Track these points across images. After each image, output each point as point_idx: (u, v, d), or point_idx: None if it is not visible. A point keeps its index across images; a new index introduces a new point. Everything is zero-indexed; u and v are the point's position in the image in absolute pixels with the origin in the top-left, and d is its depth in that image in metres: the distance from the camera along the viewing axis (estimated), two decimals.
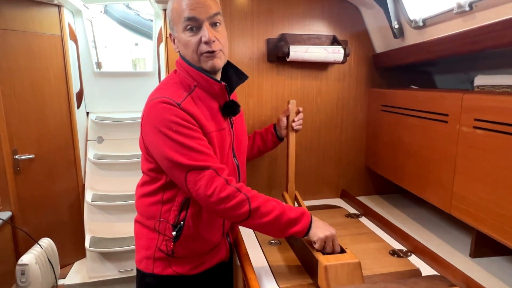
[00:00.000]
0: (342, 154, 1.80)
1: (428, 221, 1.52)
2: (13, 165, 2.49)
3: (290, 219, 1.02)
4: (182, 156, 0.97)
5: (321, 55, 1.56)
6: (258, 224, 1.01)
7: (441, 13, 1.18)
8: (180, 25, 1.04)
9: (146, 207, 1.16)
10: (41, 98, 2.65)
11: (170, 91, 1.05)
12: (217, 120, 1.11)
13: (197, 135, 1.01)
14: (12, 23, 2.43)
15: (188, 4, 1.01)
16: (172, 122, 0.98)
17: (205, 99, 1.08)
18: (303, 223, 1.03)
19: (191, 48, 1.04)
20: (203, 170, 0.98)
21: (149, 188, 1.14)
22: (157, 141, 1.00)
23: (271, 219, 1.00)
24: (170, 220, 1.12)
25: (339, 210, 1.67)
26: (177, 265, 1.16)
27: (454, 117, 1.14)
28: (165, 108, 0.99)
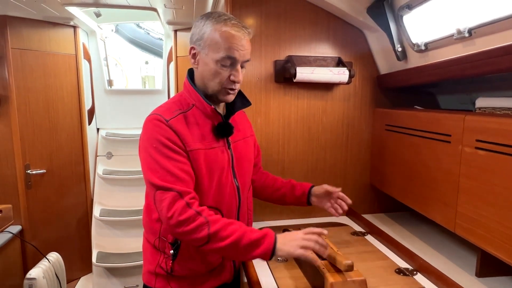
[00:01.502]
0: (347, 173, 1.83)
1: (434, 240, 1.53)
2: (25, 180, 2.55)
3: (251, 241, 0.98)
4: (154, 174, 1.02)
5: (327, 76, 1.61)
6: (218, 248, 0.99)
7: (442, 38, 1.23)
8: (216, 54, 1.06)
9: (149, 224, 1.19)
10: (54, 115, 2.74)
11: (166, 108, 1.12)
12: (208, 139, 1.13)
13: (177, 157, 1.04)
14: (30, 43, 2.54)
15: (236, 44, 1.05)
16: (156, 140, 1.04)
17: (200, 118, 1.13)
18: (266, 243, 0.99)
19: (219, 80, 1.09)
20: (166, 192, 1.00)
21: (151, 205, 1.15)
22: (142, 156, 1.08)
23: (231, 242, 0.98)
24: (168, 238, 1.14)
25: (345, 228, 1.69)
26: (176, 284, 1.17)
27: (457, 138, 1.17)
28: (154, 125, 1.06)
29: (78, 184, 2.95)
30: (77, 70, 2.88)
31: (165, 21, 2.66)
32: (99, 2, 2.23)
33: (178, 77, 2.90)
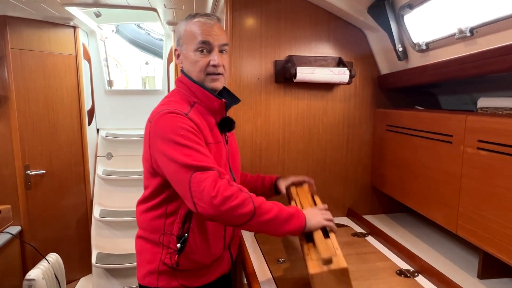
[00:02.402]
0: (348, 173, 1.82)
1: (435, 241, 1.52)
2: (25, 180, 2.54)
3: (288, 215, 1.04)
4: (188, 157, 1.01)
5: (327, 77, 1.60)
6: (261, 221, 1.01)
7: (444, 38, 1.22)
8: (193, 45, 1.14)
9: (150, 221, 1.18)
10: (54, 115, 2.73)
11: (175, 105, 1.12)
12: (215, 134, 1.18)
13: (202, 142, 1.08)
14: (29, 43, 2.53)
15: (205, 29, 1.13)
16: (179, 128, 1.04)
17: (204, 114, 1.16)
18: (300, 217, 1.06)
19: (199, 67, 1.14)
20: (207, 171, 1.00)
21: (153, 202, 1.17)
22: (165, 148, 1.04)
23: (273, 216, 1.02)
24: (174, 232, 1.15)
25: (346, 229, 1.68)
26: (182, 278, 1.18)
27: (458, 138, 1.16)
28: (173, 117, 1.06)
29: (77, 185, 2.95)
30: (77, 70, 2.87)
31: (165, 22, 2.66)
32: (99, 2, 2.22)
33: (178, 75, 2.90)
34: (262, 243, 1.52)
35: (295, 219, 1.05)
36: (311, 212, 1.12)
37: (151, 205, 1.18)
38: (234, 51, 1.63)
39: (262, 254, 1.42)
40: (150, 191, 1.17)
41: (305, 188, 1.41)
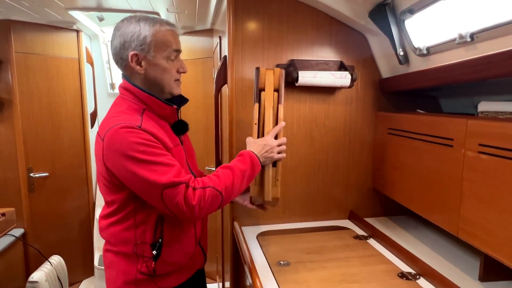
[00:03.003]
0: (349, 176, 1.83)
1: (436, 243, 1.53)
2: (28, 183, 2.56)
3: (246, 172, 1.16)
4: (154, 174, 1.00)
5: (329, 80, 1.62)
6: (230, 197, 1.12)
7: (444, 43, 1.23)
8: (165, 53, 1.14)
9: (118, 235, 1.15)
10: (57, 118, 2.75)
11: (125, 117, 1.07)
12: (172, 137, 1.18)
13: (163, 152, 1.06)
14: (33, 47, 2.56)
15: (176, 37, 1.17)
16: (137, 144, 1.01)
17: (156, 120, 1.15)
18: (256, 165, 1.20)
19: (171, 75, 1.17)
20: (175, 187, 1.01)
21: (119, 215, 1.14)
22: (126, 166, 1.01)
23: (236, 185, 1.12)
24: (147, 240, 1.14)
25: (348, 231, 1.69)
26: (161, 281, 1.18)
27: (459, 142, 1.17)
28: (127, 132, 1.02)
29: (80, 187, 2.96)
30: (80, 73, 2.90)
31: None
32: (101, 7, 2.24)
33: None
34: (264, 245, 1.53)
35: (251, 173, 1.18)
36: (267, 149, 1.25)
37: (117, 218, 1.15)
38: (236, 55, 1.65)
39: (264, 256, 1.43)
40: (116, 205, 1.13)
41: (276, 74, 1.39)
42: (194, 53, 2.84)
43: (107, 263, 1.21)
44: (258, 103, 1.37)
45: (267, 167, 1.29)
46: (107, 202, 1.17)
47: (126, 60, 1.13)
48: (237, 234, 1.63)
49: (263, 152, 1.24)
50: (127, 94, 1.15)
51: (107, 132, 1.03)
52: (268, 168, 1.29)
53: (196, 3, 2.08)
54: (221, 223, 2.14)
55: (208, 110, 2.74)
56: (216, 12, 2.20)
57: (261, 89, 1.39)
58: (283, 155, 1.30)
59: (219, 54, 2.12)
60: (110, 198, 1.15)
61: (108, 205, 1.17)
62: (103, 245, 2.86)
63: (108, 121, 1.08)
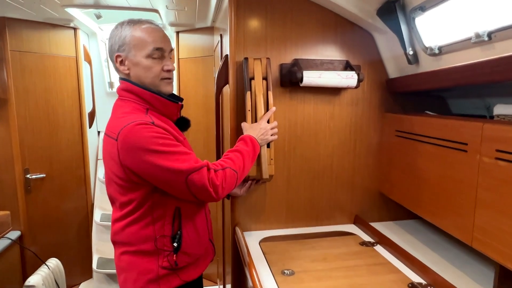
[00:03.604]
0: (355, 180, 1.77)
1: (447, 251, 1.47)
2: (24, 184, 2.50)
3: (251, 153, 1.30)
4: (177, 162, 1.06)
5: (335, 81, 1.55)
6: (243, 174, 1.24)
7: (458, 42, 1.17)
8: (144, 51, 1.14)
9: (137, 234, 1.16)
10: (54, 118, 2.69)
11: (135, 116, 1.09)
12: (178, 133, 1.23)
13: (177, 143, 1.12)
14: (29, 45, 2.49)
15: (156, 36, 1.16)
16: (155, 138, 1.05)
17: (160, 118, 1.18)
18: (256, 146, 1.34)
19: (154, 73, 1.16)
20: (199, 170, 1.08)
21: (135, 215, 1.15)
22: (148, 160, 1.04)
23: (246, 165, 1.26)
24: (166, 233, 1.17)
25: (353, 237, 1.63)
26: (182, 274, 1.22)
27: (474, 147, 1.11)
28: (143, 128, 1.05)
29: (78, 188, 2.91)
30: (78, 72, 2.83)
31: (167, 23, 2.61)
32: (99, 4, 2.18)
33: (180, 79, 2.85)
34: (267, 253, 1.47)
35: (254, 153, 1.32)
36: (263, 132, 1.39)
37: (134, 218, 1.15)
38: (238, 54, 1.59)
39: (267, 264, 1.37)
40: (134, 204, 1.14)
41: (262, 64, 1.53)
42: (194, 51, 2.78)
43: (124, 266, 1.20)
44: (250, 91, 1.49)
45: (262, 148, 1.44)
46: (122, 203, 1.16)
47: (113, 62, 1.20)
48: (238, 240, 1.57)
49: (259, 135, 1.38)
50: (128, 95, 1.17)
51: (121, 131, 1.05)
52: (264, 149, 1.45)
53: (196, 0, 2.01)
54: (222, 227, 2.09)
55: (208, 110, 2.68)
56: (217, 9, 2.14)
57: (251, 78, 1.51)
58: (276, 137, 1.46)
59: (220, 53, 2.05)
60: (126, 198, 1.15)
61: (123, 206, 1.16)
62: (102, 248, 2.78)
63: (117, 122, 1.09)
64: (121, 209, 1.18)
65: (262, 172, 1.47)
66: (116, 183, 1.15)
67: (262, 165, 1.46)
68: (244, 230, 1.67)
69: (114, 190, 1.17)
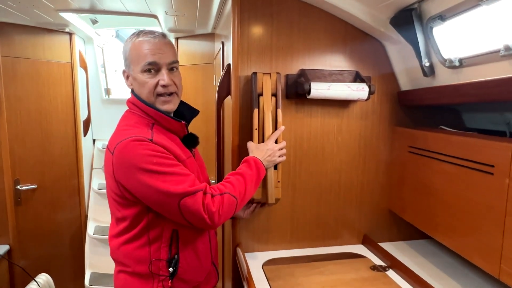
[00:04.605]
0: (364, 197, 1.67)
1: (466, 277, 1.36)
2: (14, 196, 2.38)
3: (254, 177, 1.20)
4: (170, 184, 0.99)
5: (344, 93, 1.46)
6: (244, 201, 1.15)
7: (483, 54, 1.07)
8: (139, 66, 1.09)
9: (132, 253, 1.11)
10: (47, 126, 2.58)
11: (135, 130, 1.06)
12: (184, 150, 1.16)
13: (175, 162, 1.05)
14: (22, 51, 2.39)
15: (150, 49, 1.09)
16: (150, 156, 0.99)
17: (166, 133, 1.13)
18: (261, 170, 1.25)
19: (148, 89, 1.10)
20: (193, 194, 1.00)
21: (132, 233, 1.10)
22: (140, 179, 0.99)
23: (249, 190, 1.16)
24: (162, 257, 1.10)
25: (363, 260, 1.52)
26: None
27: (502, 169, 1.01)
28: (139, 145, 1.00)
29: (71, 199, 2.78)
30: (73, 79, 2.72)
31: (166, 29, 2.51)
32: (95, 8, 2.08)
33: None
34: (272, 278, 1.36)
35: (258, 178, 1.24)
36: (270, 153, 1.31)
37: (130, 236, 1.10)
38: (242, 63, 1.49)
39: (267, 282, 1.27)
40: (128, 222, 1.10)
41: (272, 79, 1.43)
42: (193, 59, 2.68)
43: (121, 285, 1.16)
44: (257, 108, 1.40)
45: (269, 170, 1.34)
46: (118, 219, 1.13)
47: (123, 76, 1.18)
48: (240, 262, 1.46)
49: (266, 157, 1.30)
50: (135, 108, 1.14)
51: (117, 146, 1.01)
52: (270, 171, 1.35)
53: (197, 5, 1.92)
54: (222, 247, 1.97)
55: (207, 119, 2.57)
56: (218, 15, 2.04)
57: (259, 94, 1.41)
58: (284, 158, 1.37)
59: (221, 61, 1.95)
60: (121, 214, 1.11)
61: (118, 222, 1.13)
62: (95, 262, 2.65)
63: (117, 135, 1.07)
64: (117, 225, 1.14)
65: (268, 196, 1.37)
66: (112, 197, 1.11)
67: (268, 189, 1.36)
68: (246, 251, 1.56)
69: (111, 204, 1.14)
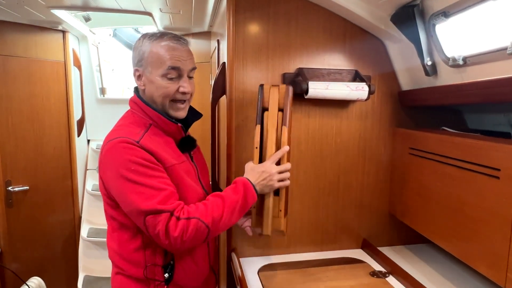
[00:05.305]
0: (363, 200, 1.62)
1: (468, 284, 1.31)
2: (5, 198, 2.33)
3: (238, 203, 1.06)
4: (140, 197, 0.96)
5: (344, 93, 1.41)
6: (218, 229, 1.04)
7: (489, 52, 1.02)
8: (160, 70, 1.07)
9: (128, 257, 1.10)
10: (40, 126, 2.53)
11: (126, 130, 1.05)
12: (177, 154, 1.12)
13: (156, 173, 1.00)
14: (14, 49, 2.33)
15: (175, 55, 1.07)
16: (131, 162, 0.98)
17: (161, 135, 1.11)
18: (250, 195, 1.09)
19: (166, 94, 1.08)
20: (158, 215, 0.96)
21: (125, 234, 1.09)
22: (118, 185, 0.99)
23: (226, 217, 1.03)
24: (158, 262, 1.08)
25: (363, 266, 1.47)
26: None
27: (509, 173, 0.96)
28: (124, 148, 0.99)
29: (64, 201, 2.73)
30: (66, 78, 2.67)
31: (161, 27, 2.46)
32: (88, 6, 2.02)
33: None
34: (267, 285, 1.30)
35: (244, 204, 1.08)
36: (265, 176, 1.14)
37: (124, 238, 1.09)
38: (237, 63, 1.44)
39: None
40: (114, 222, 1.10)
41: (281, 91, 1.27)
42: None
43: (117, 286, 1.15)
44: (261, 124, 1.25)
45: (267, 196, 1.18)
46: (108, 217, 1.13)
47: (133, 74, 1.14)
48: (235, 268, 1.41)
49: (260, 180, 1.14)
50: (136, 107, 1.13)
51: (106, 145, 1.02)
52: (269, 197, 1.18)
53: (192, 3, 1.87)
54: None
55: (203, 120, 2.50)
56: (214, 13, 1.99)
57: (264, 109, 1.27)
58: (285, 183, 1.18)
59: (217, 60, 1.90)
60: (110, 213, 1.11)
61: (112, 221, 1.12)
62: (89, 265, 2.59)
63: (110, 134, 1.06)
64: (111, 225, 1.14)
65: (263, 227, 1.19)
66: (103, 197, 1.11)
67: (264, 218, 1.18)
68: (241, 256, 1.51)
69: (103, 201, 1.12)
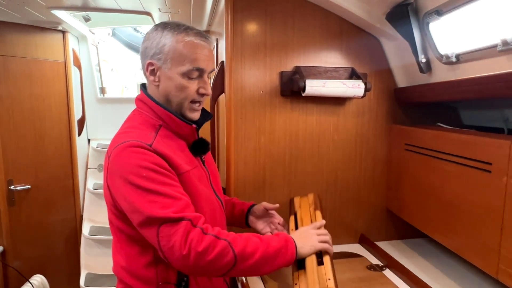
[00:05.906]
0: (361, 196, 1.64)
1: (463, 276, 1.34)
2: (7, 197, 2.36)
3: (275, 251, 0.94)
4: (153, 206, 0.86)
5: (340, 90, 1.43)
6: (245, 268, 0.90)
7: (481, 49, 1.05)
8: (182, 67, 0.99)
9: (137, 273, 1.00)
10: (41, 125, 2.55)
11: (136, 133, 0.97)
12: (189, 159, 1.04)
13: (170, 181, 0.92)
14: (14, 49, 2.36)
15: (202, 54, 1.00)
16: (141, 168, 0.89)
17: (173, 138, 1.03)
18: (289, 250, 0.97)
19: (187, 94, 1.01)
20: (176, 223, 0.85)
21: (134, 249, 0.99)
22: (125, 192, 0.89)
23: (259, 258, 0.91)
24: (171, 279, 0.99)
25: (360, 260, 1.50)
26: None
27: (500, 167, 0.99)
28: (134, 152, 0.90)
29: (66, 200, 2.76)
30: (66, 77, 2.70)
31: None
32: (88, 6, 2.05)
33: None
34: (266, 280, 1.33)
35: (282, 254, 0.96)
36: (305, 234, 1.05)
37: (133, 253, 1.00)
38: (235, 61, 1.46)
39: None
40: (127, 233, 0.99)
41: (309, 198, 1.41)
42: None
43: None
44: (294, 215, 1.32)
45: (309, 261, 1.00)
46: (115, 229, 1.03)
47: (143, 68, 1.03)
48: None
49: (300, 238, 1.03)
50: (143, 107, 1.05)
51: (114, 150, 0.93)
52: (312, 262, 1.00)
53: (190, 3, 1.89)
54: None
55: None
56: (212, 12, 2.02)
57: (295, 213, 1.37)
58: (328, 246, 1.06)
59: (215, 59, 1.93)
60: (116, 223, 1.00)
61: (116, 233, 1.03)
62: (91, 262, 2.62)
63: (118, 137, 0.98)
64: (116, 236, 1.04)
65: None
66: (109, 202, 1.00)
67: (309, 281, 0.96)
68: None
69: (108, 211, 1.03)
